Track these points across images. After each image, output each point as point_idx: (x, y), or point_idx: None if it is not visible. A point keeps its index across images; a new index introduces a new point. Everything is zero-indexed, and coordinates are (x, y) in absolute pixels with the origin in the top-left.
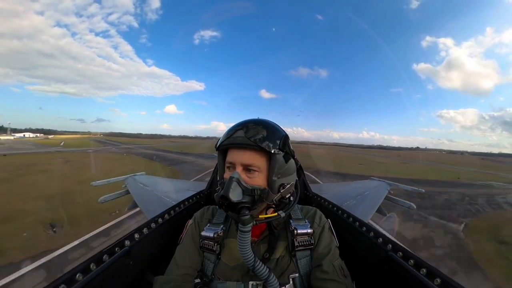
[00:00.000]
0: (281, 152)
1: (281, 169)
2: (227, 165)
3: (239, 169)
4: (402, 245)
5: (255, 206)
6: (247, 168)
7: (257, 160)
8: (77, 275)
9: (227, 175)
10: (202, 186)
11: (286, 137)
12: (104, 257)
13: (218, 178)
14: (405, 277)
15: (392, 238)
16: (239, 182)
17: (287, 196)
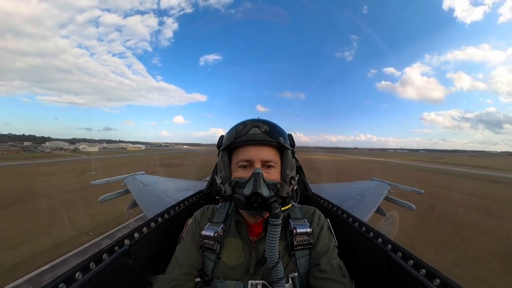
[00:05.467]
0: (292, 148)
1: (291, 163)
2: (241, 163)
3: (258, 165)
4: (402, 246)
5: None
6: (265, 164)
7: (274, 156)
8: (77, 274)
9: (243, 173)
10: (202, 185)
11: (291, 135)
12: (103, 256)
13: (222, 180)
14: (405, 277)
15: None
16: (263, 178)
17: (295, 189)
